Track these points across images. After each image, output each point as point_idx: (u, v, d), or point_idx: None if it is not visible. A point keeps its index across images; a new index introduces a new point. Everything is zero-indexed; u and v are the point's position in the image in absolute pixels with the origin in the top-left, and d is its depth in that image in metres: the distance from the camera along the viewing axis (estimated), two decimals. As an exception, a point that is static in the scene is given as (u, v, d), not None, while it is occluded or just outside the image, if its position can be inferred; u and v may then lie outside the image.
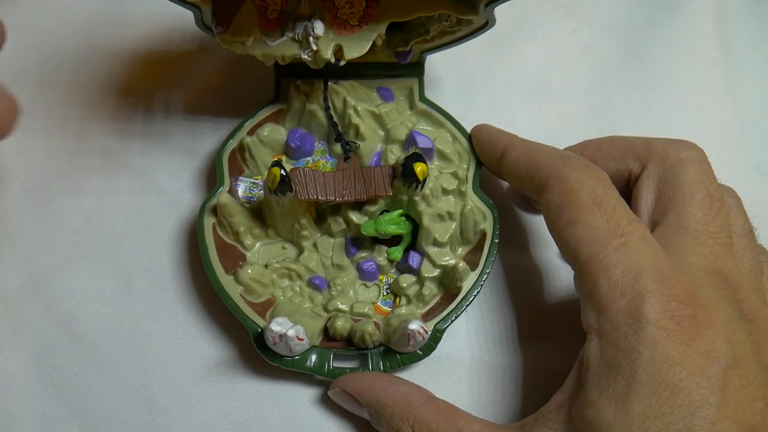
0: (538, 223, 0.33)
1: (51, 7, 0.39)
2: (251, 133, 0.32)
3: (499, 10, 0.36)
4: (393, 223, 0.29)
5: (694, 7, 0.39)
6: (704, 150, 0.27)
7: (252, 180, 0.31)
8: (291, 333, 0.26)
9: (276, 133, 0.32)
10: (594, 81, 0.38)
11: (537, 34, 0.39)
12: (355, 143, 0.31)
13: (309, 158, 0.32)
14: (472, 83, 0.38)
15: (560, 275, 0.32)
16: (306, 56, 0.29)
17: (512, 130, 0.31)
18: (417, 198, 0.29)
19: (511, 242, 0.33)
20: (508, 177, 0.30)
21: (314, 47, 0.28)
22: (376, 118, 0.32)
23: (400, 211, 0.30)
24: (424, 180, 0.28)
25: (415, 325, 0.26)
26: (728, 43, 0.39)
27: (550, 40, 0.39)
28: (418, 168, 0.27)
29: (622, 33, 0.39)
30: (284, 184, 0.27)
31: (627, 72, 0.38)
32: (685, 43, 0.38)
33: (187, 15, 0.28)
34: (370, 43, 0.28)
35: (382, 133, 0.32)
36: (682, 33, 0.38)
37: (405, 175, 0.28)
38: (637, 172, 0.27)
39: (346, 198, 0.29)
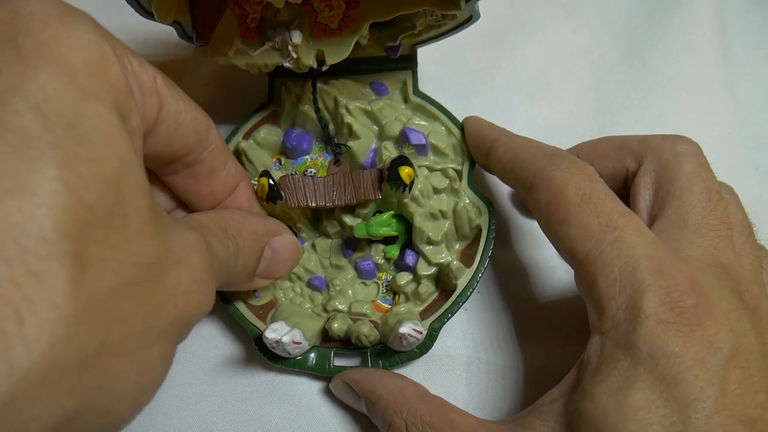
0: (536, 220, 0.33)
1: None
2: (247, 136, 0.32)
3: (499, 10, 0.36)
4: (384, 225, 0.29)
5: (694, 7, 0.39)
6: (704, 150, 0.27)
7: (252, 182, 0.31)
8: (286, 339, 0.26)
9: (272, 134, 0.32)
10: (594, 81, 0.38)
11: (537, 34, 0.39)
12: (345, 146, 0.31)
13: (307, 156, 0.32)
14: (472, 83, 0.38)
15: (559, 273, 0.32)
16: (287, 64, 0.28)
17: (512, 130, 0.30)
18: (406, 200, 0.29)
19: (510, 240, 0.33)
20: (496, 174, 0.29)
21: (294, 55, 0.28)
22: (369, 116, 0.31)
23: (392, 212, 0.29)
24: (412, 183, 0.28)
25: (405, 329, 0.26)
26: (728, 43, 0.39)
27: (550, 40, 0.39)
28: (404, 172, 0.27)
29: (622, 33, 0.39)
30: (273, 193, 0.27)
31: (627, 72, 0.38)
32: (685, 43, 0.38)
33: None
34: (351, 47, 0.28)
35: (377, 129, 0.31)
36: (682, 33, 0.38)
37: (391, 180, 0.27)
38: (634, 169, 0.27)
39: (336, 203, 0.29)
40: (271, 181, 0.27)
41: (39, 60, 0.16)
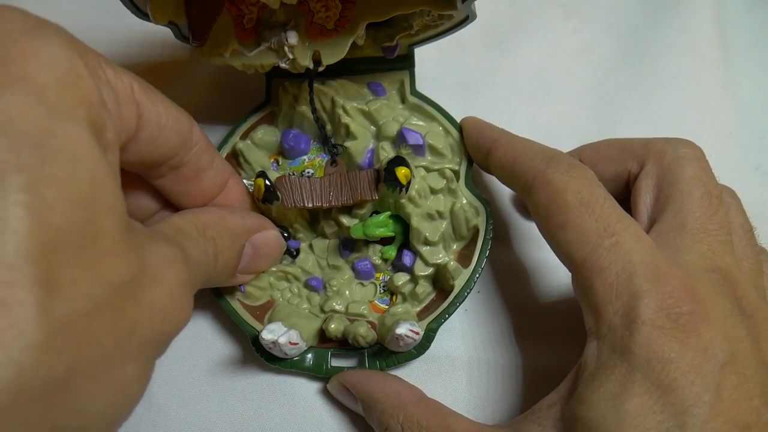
0: (535, 220, 0.33)
1: (50, 8, 0.39)
2: (244, 137, 0.32)
3: (499, 10, 0.36)
4: (381, 226, 0.29)
5: (694, 7, 0.39)
6: (704, 150, 0.27)
7: (249, 182, 0.31)
8: (282, 340, 0.26)
9: (270, 134, 0.32)
10: (594, 81, 0.38)
11: (537, 34, 0.39)
12: (342, 146, 0.31)
13: (305, 156, 0.32)
14: (472, 83, 0.38)
15: (559, 273, 0.32)
16: (284, 64, 0.28)
17: (512, 130, 0.30)
18: (403, 200, 0.29)
19: (510, 240, 0.33)
20: (495, 175, 0.29)
21: (290, 56, 0.28)
22: (366, 116, 0.31)
23: (388, 213, 0.29)
24: (408, 183, 0.28)
25: (402, 329, 0.26)
26: (728, 43, 0.39)
27: (550, 40, 0.39)
28: (401, 172, 0.27)
29: (622, 33, 0.39)
30: (270, 194, 0.27)
31: (627, 72, 0.38)
32: (685, 43, 0.38)
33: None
34: (348, 47, 0.28)
35: (374, 129, 0.31)
36: (682, 33, 0.38)
37: (388, 180, 0.27)
38: (636, 172, 0.27)
39: (332, 203, 0.29)
40: (267, 182, 0.27)
41: (5, 78, 0.16)
